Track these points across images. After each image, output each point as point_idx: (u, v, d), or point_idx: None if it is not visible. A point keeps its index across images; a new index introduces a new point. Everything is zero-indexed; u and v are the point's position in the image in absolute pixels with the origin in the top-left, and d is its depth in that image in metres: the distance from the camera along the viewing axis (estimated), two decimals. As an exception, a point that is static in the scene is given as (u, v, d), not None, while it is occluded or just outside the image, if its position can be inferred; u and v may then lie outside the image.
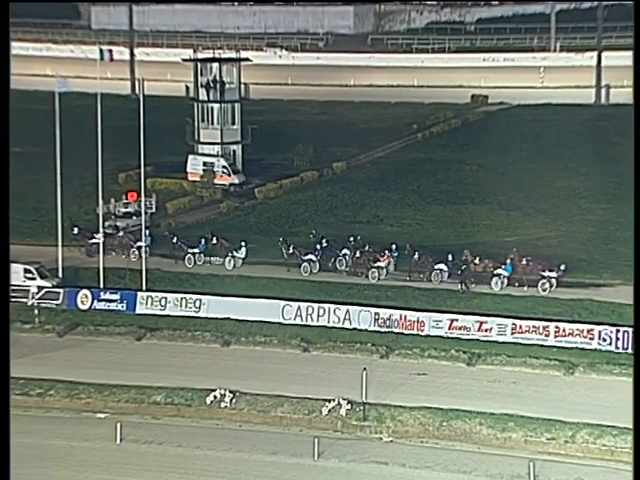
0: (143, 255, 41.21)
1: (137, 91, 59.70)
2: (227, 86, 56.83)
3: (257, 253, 43.56)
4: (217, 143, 56.58)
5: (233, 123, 57.09)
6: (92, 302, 38.65)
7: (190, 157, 56.55)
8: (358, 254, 41.39)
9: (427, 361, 34.23)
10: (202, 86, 56.59)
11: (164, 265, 42.59)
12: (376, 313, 36.89)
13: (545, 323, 35.23)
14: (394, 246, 42.00)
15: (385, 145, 64.36)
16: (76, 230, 44.48)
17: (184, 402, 31.23)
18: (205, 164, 55.99)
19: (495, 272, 39.55)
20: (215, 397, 31.17)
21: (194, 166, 56.22)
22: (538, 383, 32.26)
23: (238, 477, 27.57)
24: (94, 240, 42.80)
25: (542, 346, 34.58)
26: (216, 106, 56.53)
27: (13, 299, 38.27)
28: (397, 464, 28.13)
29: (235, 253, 42.74)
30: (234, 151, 57.25)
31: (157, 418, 30.69)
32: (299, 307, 37.47)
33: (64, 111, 40.66)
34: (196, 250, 43.23)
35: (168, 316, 37.96)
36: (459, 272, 39.58)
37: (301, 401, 31.07)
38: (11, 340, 35.30)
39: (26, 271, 39.53)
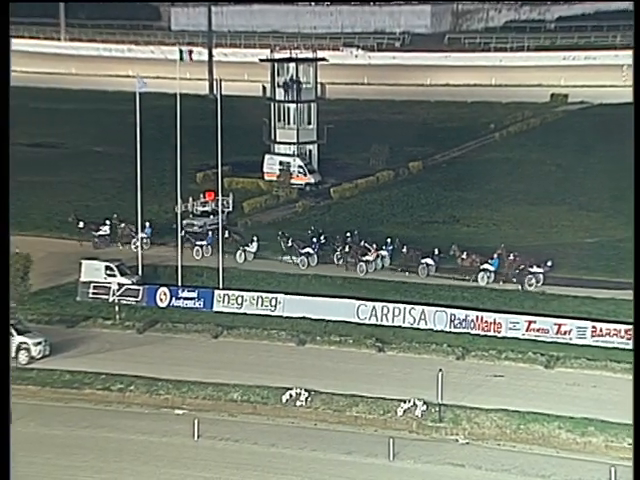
0: (220, 254, 41.57)
1: (215, 91, 60.36)
2: (303, 86, 57.06)
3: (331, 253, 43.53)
4: (293, 143, 56.86)
5: (309, 123, 57.28)
6: (170, 300, 39.13)
7: (266, 157, 56.90)
8: (347, 248, 41.89)
9: (504, 363, 33.81)
10: (279, 86, 56.91)
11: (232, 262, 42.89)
12: (452, 314, 36.60)
13: (627, 326, 34.49)
14: (389, 240, 42.63)
15: (461, 145, 63.82)
16: (82, 224, 46.00)
17: (260, 400, 31.41)
18: (281, 164, 56.28)
19: (482, 267, 40.01)
20: (291, 395, 31.29)
21: (270, 166, 56.55)
22: (619, 387, 31.59)
23: (313, 476, 27.61)
24: (100, 233, 45.22)
25: (623, 350, 33.86)
26: (292, 106, 56.81)
27: (95, 295, 39.30)
28: (473, 466, 27.87)
29: (247, 247, 43.35)
30: (310, 151, 57.45)
31: (234, 415, 30.93)
32: (374, 307, 37.39)
33: (144, 111, 41.24)
34: (204, 242, 44.19)
35: (244, 314, 38.22)
36: (516, 272, 39.19)
37: (376, 401, 30.98)
38: (94, 335, 36.33)
39: (107, 268, 40.24)
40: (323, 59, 60.02)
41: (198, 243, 44.38)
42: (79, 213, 47.78)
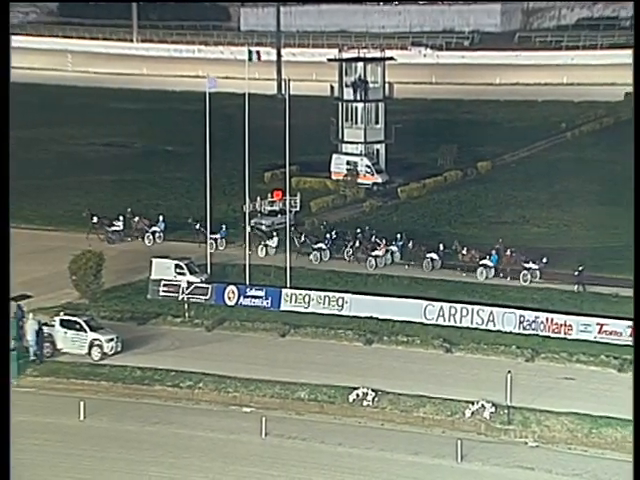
0: (288, 253, 41.76)
1: (283, 91, 60.62)
2: (371, 85, 57.01)
3: (405, 255, 43.39)
4: (361, 142, 56.84)
5: (377, 122, 57.21)
6: (238, 298, 39.40)
7: (334, 156, 56.99)
8: (358, 243, 42.59)
9: (575, 366, 33.32)
10: (347, 86, 56.95)
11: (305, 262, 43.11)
12: (521, 315, 36.18)
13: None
14: (399, 235, 43.33)
15: (531, 144, 63.08)
16: (95, 219, 46.89)
17: (327, 399, 31.46)
18: (349, 163, 56.30)
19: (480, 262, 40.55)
20: (358, 395, 31.28)
21: (338, 165, 56.62)
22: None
23: (380, 476, 27.55)
24: (113, 228, 46.16)
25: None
26: (360, 105, 56.79)
27: (165, 293, 39.80)
28: (543, 470, 27.51)
29: (268, 242, 44.03)
30: (377, 150, 57.37)
31: (301, 414, 31.02)
32: (442, 307, 37.17)
33: (214, 111, 41.62)
34: (217, 235, 44.70)
35: (312, 313, 38.31)
36: (577, 272, 39.17)
37: (444, 402, 30.79)
38: (164, 333, 36.81)
39: (177, 266, 40.68)
40: (391, 58, 59.84)
41: (267, 243, 44.80)
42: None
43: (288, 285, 39.65)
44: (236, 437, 29.34)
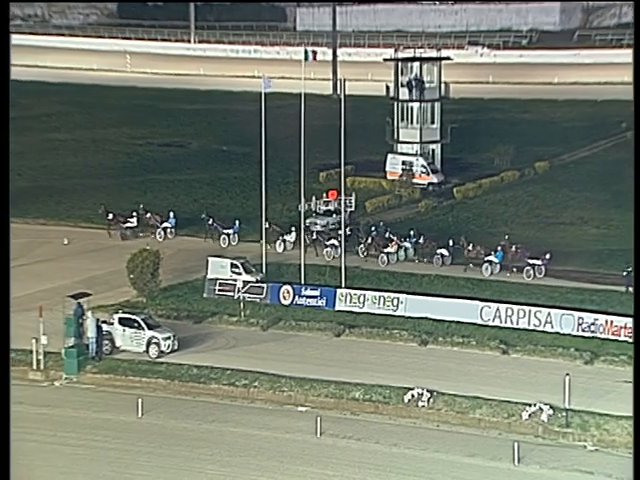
0: (342, 253, 41.77)
1: (339, 91, 60.65)
2: (427, 85, 56.76)
3: (460, 255, 43.22)
4: (416, 142, 56.63)
5: (432, 122, 56.94)
6: (293, 297, 39.49)
7: (389, 156, 56.86)
8: (370, 240, 43.05)
9: (635, 369, 32.70)
10: (402, 85, 56.78)
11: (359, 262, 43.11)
12: (580, 317, 35.71)
13: None
14: (412, 232, 44.06)
15: (590, 144, 62.25)
16: (111, 216, 47.68)
17: (382, 399, 31.38)
18: (404, 163, 56.12)
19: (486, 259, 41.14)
20: (413, 396, 31.15)
21: (393, 165, 56.49)
22: None
23: (435, 477, 27.41)
24: (127, 225, 46.96)
25: None
26: (416, 105, 56.58)
27: (221, 292, 40.05)
28: (603, 474, 27.12)
29: (286, 237, 45.02)
30: (433, 150, 57.10)
31: (355, 414, 30.99)
32: (498, 308, 36.85)
33: (269, 111, 41.77)
34: (230, 231, 45.81)
35: (366, 313, 38.25)
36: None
37: (500, 404, 30.52)
38: (219, 331, 37.05)
39: (232, 266, 40.92)
40: (447, 58, 59.52)
41: (285, 238, 45.49)
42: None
43: (343, 285, 39.64)
44: (291, 436, 29.41)
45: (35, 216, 50.26)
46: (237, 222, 46.34)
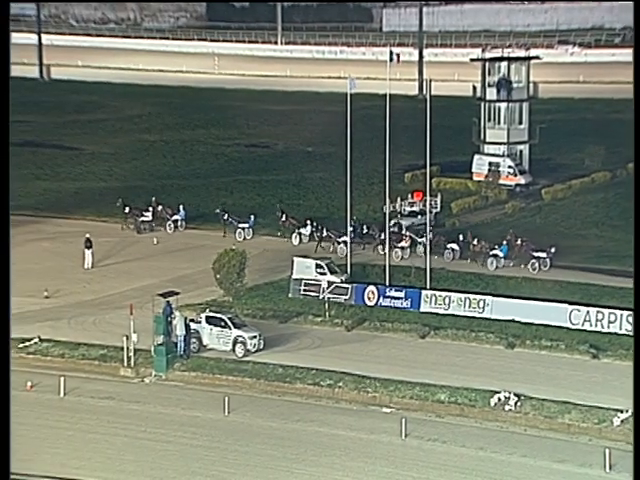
0: (428, 254, 41.56)
1: (424, 91, 60.30)
2: (515, 85, 56.07)
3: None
4: (503, 143, 55.97)
5: (520, 122, 56.22)
6: (378, 298, 39.44)
7: (476, 157, 56.33)
8: (382, 236, 42.94)
9: None
10: (490, 85, 56.20)
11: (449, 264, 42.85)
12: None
13: None
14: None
15: (685, 145, 60.43)
16: (127, 209, 48.39)
17: (468, 402, 31.10)
18: (491, 164, 55.53)
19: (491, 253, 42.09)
20: (499, 399, 30.80)
21: (479, 166, 55.94)
22: None
23: (523, 483, 27.07)
24: (143, 218, 48.10)
25: None
26: (503, 105, 55.94)
27: (306, 293, 40.27)
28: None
29: (301, 230, 46.07)
30: (521, 151, 56.36)
31: (441, 416, 30.77)
32: (588, 312, 36.16)
33: (355, 111, 41.81)
34: (246, 225, 46.93)
35: (452, 315, 37.98)
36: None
37: (590, 409, 29.95)
38: (304, 331, 37.27)
39: (317, 266, 41.11)
40: (536, 57, 58.67)
41: (300, 231, 46.56)
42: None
43: (428, 286, 39.45)
44: (376, 437, 29.38)
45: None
46: (252, 217, 47.58)
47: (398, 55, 42.44)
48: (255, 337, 35.13)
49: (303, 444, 28.98)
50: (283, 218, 46.81)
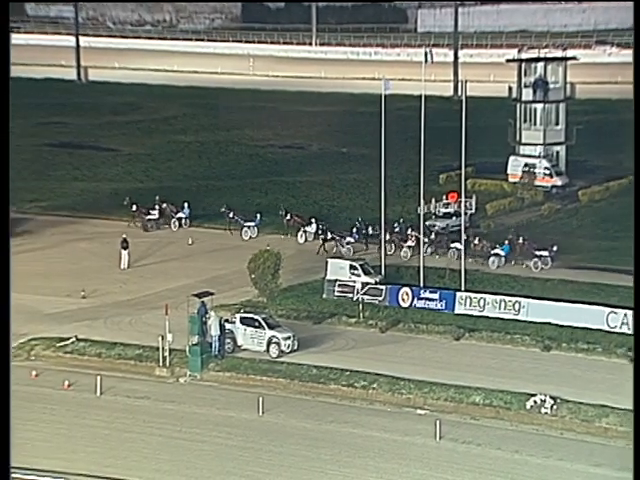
0: (463, 255, 41.37)
1: (459, 92, 60.09)
2: (552, 86, 55.65)
3: (585, 259, 42.22)
4: (539, 144, 55.56)
5: (557, 123, 55.79)
6: (412, 300, 39.32)
7: (511, 158, 55.98)
8: (388, 236, 43.86)
9: None
10: (526, 86, 55.84)
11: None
12: None
13: None
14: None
15: None
16: (134, 207, 49.05)
17: (503, 405, 30.91)
18: (526, 165, 55.16)
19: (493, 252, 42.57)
20: (535, 402, 30.58)
21: (515, 167, 55.58)
22: None
23: (559, 486, 26.84)
24: (150, 216, 48.78)
25: None
26: (539, 106, 55.54)
27: (340, 294, 40.23)
28: None
29: (307, 228, 46.83)
30: (557, 152, 55.92)
31: (476, 419, 30.62)
32: (625, 315, 35.78)
33: (389, 113, 41.71)
34: (252, 223, 47.33)
35: (486, 317, 37.76)
36: None
37: (627, 413, 29.56)
38: (338, 332, 37.25)
39: (352, 267, 41.07)
40: (573, 58, 58.23)
41: (306, 229, 47.01)
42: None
43: (462, 288, 39.25)
44: (410, 439, 29.29)
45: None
46: (258, 215, 47.98)
47: (431, 53, 42.29)
48: (289, 338, 35.15)
49: (337, 445, 28.96)
50: (288, 217, 47.30)
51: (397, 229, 45.51)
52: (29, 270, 42.90)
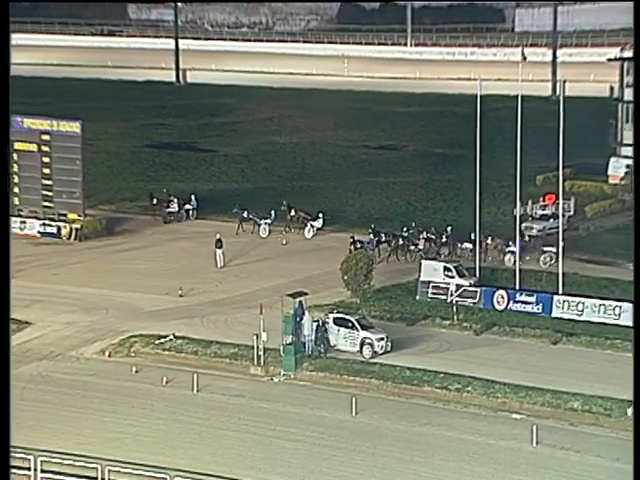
0: (560, 258, 40.58)
1: (558, 92, 59.01)
2: (655, 85, 54.12)
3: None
4: (641, 145, 54.08)
5: (660, 124, 54.19)
6: (508, 303, 38.78)
7: (612, 159, 54.78)
8: (401, 240, 44.55)
9: None
10: (628, 86, 54.45)
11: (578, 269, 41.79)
12: None
13: None
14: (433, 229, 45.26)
15: None
16: (155, 200, 50.52)
17: (603, 411, 30.21)
18: (628, 167, 53.80)
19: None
20: (636, 409, 29.75)
21: (616, 169, 54.35)
22: None
23: (661, 497, 25.98)
24: (170, 209, 50.16)
25: None
26: (642, 106, 54.05)
27: (433, 295, 39.95)
28: None
29: (314, 223, 47.56)
30: (661, 153, 54.29)
31: (574, 425, 30.00)
32: None
33: (485, 113, 41.26)
34: (268, 221, 48.00)
35: (585, 322, 36.97)
36: None
37: None
38: (432, 334, 36.99)
39: (445, 269, 40.73)
40: (678, 56, 56.41)
41: (313, 224, 47.65)
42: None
43: (560, 291, 38.52)
44: (506, 444, 28.86)
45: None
46: (273, 213, 48.33)
47: (523, 53, 41.85)
48: (382, 339, 35.06)
49: (431, 448, 28.73)
50: (292, 212, 47.79)
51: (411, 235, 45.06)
52: (130, 268, 43.95)
